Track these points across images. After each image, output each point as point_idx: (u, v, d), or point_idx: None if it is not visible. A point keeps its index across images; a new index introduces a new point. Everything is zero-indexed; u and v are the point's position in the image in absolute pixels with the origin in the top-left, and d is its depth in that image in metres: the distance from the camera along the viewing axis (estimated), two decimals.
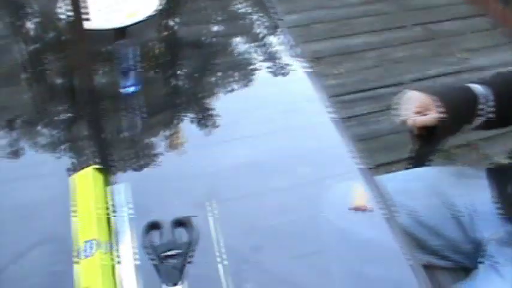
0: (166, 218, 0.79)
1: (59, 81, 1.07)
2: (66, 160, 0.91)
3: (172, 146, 0.93)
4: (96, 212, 0.77)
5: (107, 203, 0.81)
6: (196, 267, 0.75)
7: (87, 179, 0.81)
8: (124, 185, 0.84)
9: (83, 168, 0.84)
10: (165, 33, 1.23)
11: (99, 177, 0.83)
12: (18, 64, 1.09)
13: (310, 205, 0.84)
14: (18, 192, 0.85)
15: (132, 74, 0.98)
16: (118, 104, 1.01)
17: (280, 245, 0.78)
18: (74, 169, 0.87)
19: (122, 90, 0.99)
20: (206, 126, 0.98)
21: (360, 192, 0.86)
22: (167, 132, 0.97)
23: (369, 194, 0.85)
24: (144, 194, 0.84)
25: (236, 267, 0.75)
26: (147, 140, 0.95)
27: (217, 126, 0.97)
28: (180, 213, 0.80)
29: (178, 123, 0.99)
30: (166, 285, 0.72)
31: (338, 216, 0.83)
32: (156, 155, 0.92)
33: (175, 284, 0.72)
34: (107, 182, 0.84)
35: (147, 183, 0.86)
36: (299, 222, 0.81)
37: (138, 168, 0.90)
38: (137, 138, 0.96)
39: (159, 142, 0.95)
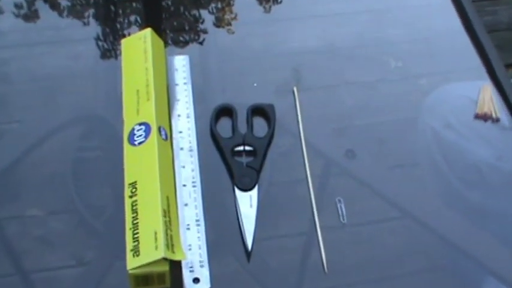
0: (239, 103, 0.74)
1: None
2: (105, 26, 0.84)
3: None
4: (155, 88, 0.70)
5: (167, 78, 0.75)
6: (276, 169, 0.70)
7: (146, 43, 0.73)
8: (185, 57, 0.77)
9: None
10: None
11: (160, 43, 0.75)
12: None
13: (410, 106, 0.77)
14: (42, 58, 0.80)
15: None
16: None
17: (373, 151, 0.73)
18: (114, 37, 0.81)
19: None
20: None
21: (487, 95, 0.76)
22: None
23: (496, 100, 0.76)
24: (207, 72, 0.79)
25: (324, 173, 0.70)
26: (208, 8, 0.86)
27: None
28: (256, 99, 0.74)
29: None
30: (239, 188, 0.67)
31: (445, 124, 0.76)
32: (218, 27, 0.84)
33: (251, 189, 0.67)
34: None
35: (208, 59, 0.80)
36: (396, 125, 0.75)
37: (199, 42, 0.82)
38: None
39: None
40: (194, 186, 0.67)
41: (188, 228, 0.64)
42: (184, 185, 0.67)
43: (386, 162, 0.73)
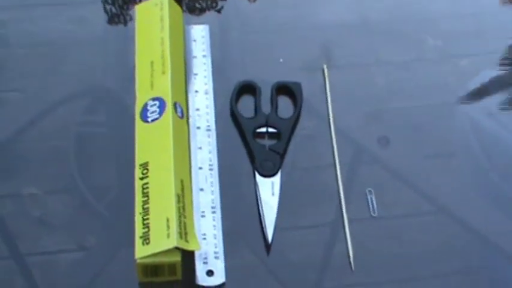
0: (263, 79, 0.72)
1: None
2: None
3: None
4: (171, 60, 0.68)
5: (184, 50, 0.72)
6: (301, 154, 0.68)
7: (162, 10, 0.71)
8: (205, 27, 0.75)
9: None
10: None
11: (178, 10, 0.73)
12: None
13: (449, 91, 0.74)
14: (43, 22, 0.77)
15: None
16: None
17: (408, 138, 0.71)
18: (125, 1, 0.79)
19: None
20: None
21: None
22: None
23: None
24: (228, 44, 0.76)
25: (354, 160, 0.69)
26: None
27: None
28: (282, 77, 0.72)
29: None
30: (260, 173, 0.65)
31: (487, 113, 0.74)
32: None
33: (273, 175, 0.65)
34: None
35: (229, 30, 0.78)
36: (434, 110, 0.72)
37: (219, 10, 0.80)
38: None
39: None
40: (211, 169, 0.66)
41: (203, 216, 0.62)
42: (200, 168, 0.66)
43: (422, 151, 0.70)
